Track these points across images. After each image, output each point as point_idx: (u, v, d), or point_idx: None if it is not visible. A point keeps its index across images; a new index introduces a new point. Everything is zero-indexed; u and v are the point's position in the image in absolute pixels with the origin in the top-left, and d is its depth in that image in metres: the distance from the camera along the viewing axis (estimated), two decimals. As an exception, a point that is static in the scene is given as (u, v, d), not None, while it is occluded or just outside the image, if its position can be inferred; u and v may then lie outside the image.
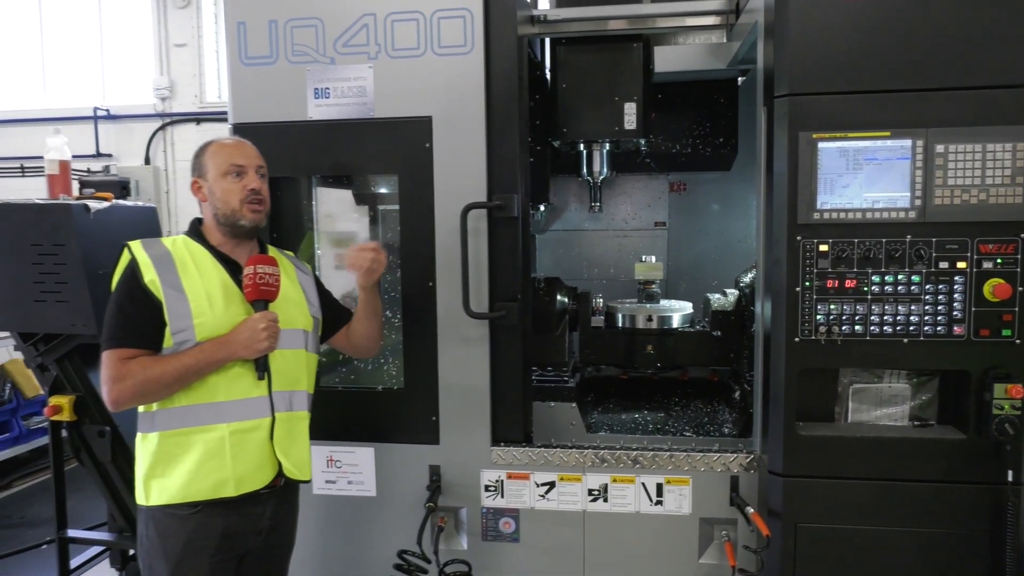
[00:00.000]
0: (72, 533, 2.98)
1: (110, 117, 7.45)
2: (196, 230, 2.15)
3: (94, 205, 2.78)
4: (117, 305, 1.98)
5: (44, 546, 4.20)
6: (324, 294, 2.35)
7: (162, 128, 7.43)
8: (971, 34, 1.99)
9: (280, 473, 2.08)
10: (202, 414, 2.00)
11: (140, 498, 2.05)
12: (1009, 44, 1.99)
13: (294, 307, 2.17)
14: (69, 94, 7.82)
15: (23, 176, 7.69)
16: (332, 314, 2.34)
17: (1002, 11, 1.98)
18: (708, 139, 3.52)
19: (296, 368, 2.16)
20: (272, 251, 2.24)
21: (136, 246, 2.03)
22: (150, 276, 1.97)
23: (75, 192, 3.12)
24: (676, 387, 3.19)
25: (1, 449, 5.18)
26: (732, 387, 3.05)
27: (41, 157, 7.56)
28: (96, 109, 7.41)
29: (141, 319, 1.96)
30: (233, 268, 2.08)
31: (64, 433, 2.99)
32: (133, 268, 1.99)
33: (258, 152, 2.15)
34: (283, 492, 2.16)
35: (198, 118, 7.39)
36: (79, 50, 7.82)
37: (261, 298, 2.03)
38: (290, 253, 2.36)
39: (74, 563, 3.16)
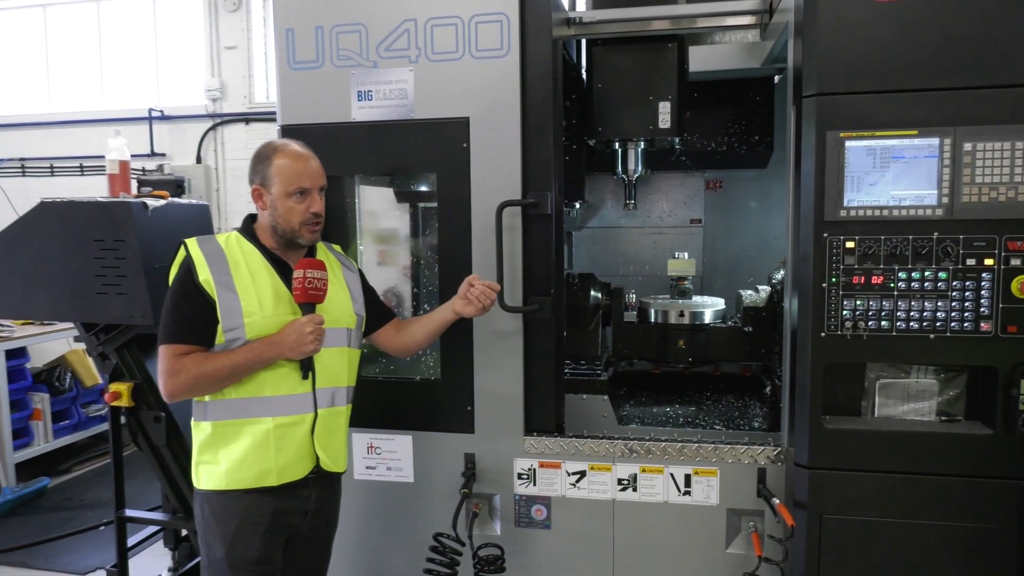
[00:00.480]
0: (129, 513, 3.15)
1: (164, 118, 7.71)
2: (249, 229, 2.25)
3: (152, 203, 2.94)
4: (173, 302, 2.10)
5: (102, 527, 4.43)
6: (368, 291, 2.45)
7: (213, 128, 7.66)
8: (999, 33, 2.01)
9: (318, 464, 2.21)
10: (250, 407, 2.13)
11: (195, 481, 2.21)
12: (1039, 43, 2.00)
13: (339, 305, 2.27)
14: (125, 96, 8.12)
15: (82, 175, 7.99)
16: (375, 312, 2.45)
17: (1031, 10, 2.00)
18: (744, 137, 3.56)
19: (339, 365, 2.27)
20: (321, 248, 2.35)
21: (192, 244, 2.14)
22: (204, 275, 2.08)
23: (133, 190, 3.29)
24: (708, 382, 3.23)
25: (61, 435, 5.44)
26: (764, 382, 3.09)
27: (99, 156, 7.86)
28: (151, 110, 7.67)
29: (195, 317, 2.08)
30: (282, 268, 2.19)
31: (122, 419, 3.17)
32: (189, 266, 2.10)
33: (321, 167, 2.24)
34: (327, 478, 2.29)
35: (247, 118, 7.60)
36: (135, 54, 8.11)
37: (309, 301, 2.12)
38: (338, 249, 2.47)
39: (130, 542, 3.34)
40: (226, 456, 2.13)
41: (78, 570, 3.93)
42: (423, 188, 2.98)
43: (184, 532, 3.36)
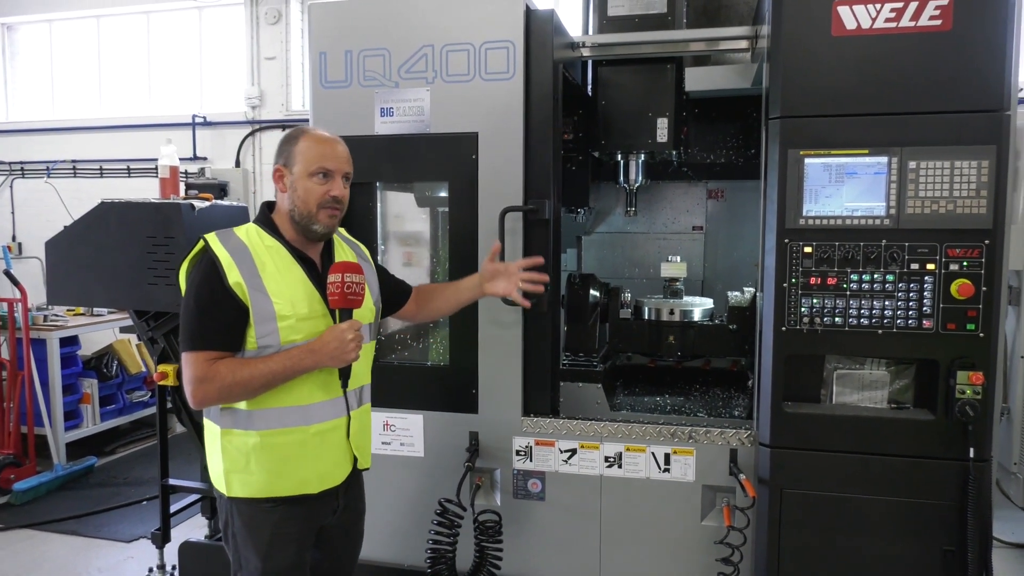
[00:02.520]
0: (173, 482, 3.51)
1: (206, 124, 8.15)
2: (267, 218, 2.12)
3: (198, 204, 3.30)
4: (199, 306, 1.97)
5: (145, 502, 4.82)
6: (383, 274, 2.44)
7: (251, 134, 8.09)
8: (939, 66, 2.28)
9: (354, 465, 2.23)
10: (292, 416, 2.05)
11: (220, 487, 2.11)
12: (976, 75, 2.27)
13: (364, 304, 2.17)
14: (171, 103, 8.60)
15: (129, 177, 8.48)
16: (395, 293, 2.46)
17: (969, 47, 2.26)
18: (740, 150, 3.84)
19: (364, 364, 2.23)
20: (338, 242, 2.30)
21: (214, 241, 2.02)
22: (235, 278, 1.96)
23: (182, 192, 3.66)
24: (698, 375, 3.51)
25: (108, 419, 5.85)
26: (749, 376, 3.36)
27: (146, 159, 8.33)
28: (194, 116, 8.12)
29: (227, 321, 1.96)
30: (308, 266, 2.11)
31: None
32: (215, 266, 1.97)
33: (348, 154, 2.18)
34: (354, 476, 2.28)
35: (284, 125, 8.01)
36: (181, 63, 8.59)
37: (347, 306, 2.02)
38: (351, 239, 2.44)
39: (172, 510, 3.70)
40: (267, 465, 2.04)
41: (123, 538, 4.31)
42: (439, 194, 3.30)
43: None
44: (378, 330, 2.44)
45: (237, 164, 8.05)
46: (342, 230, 2.41)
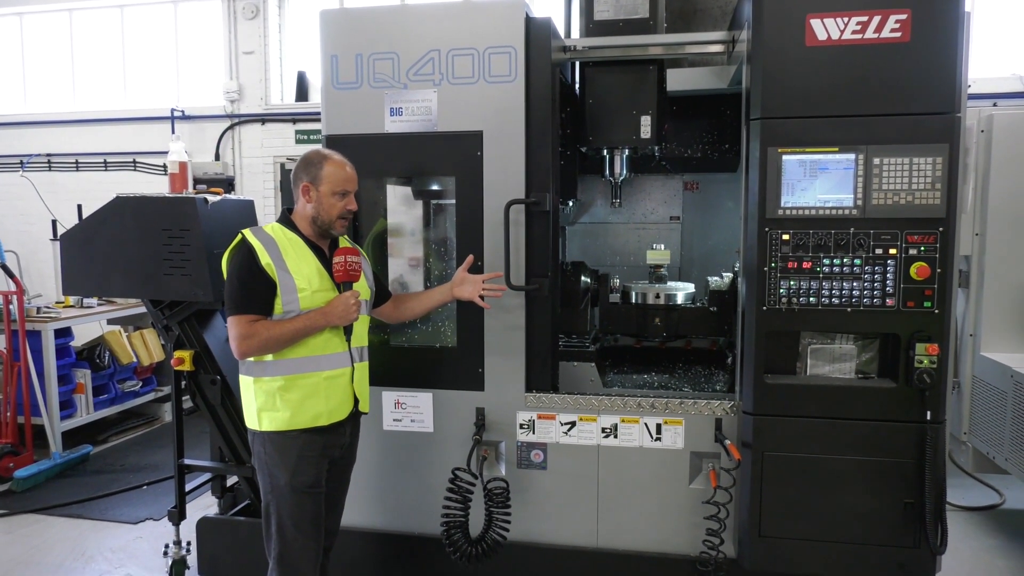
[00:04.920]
0: (187, 461, 3.68)
1: (185, 117, 8.21)
2: (288, 219, 2.71)
3: (211, 198, 3.47)
4: (240, 280, 2.56)
5: (146, 487, 4.97)
6: (374, 273, 2.96)
7: (231, 128, 8.18)
8: (900, 74, 2.57)
9: (355, 406, 2.75)
10: (307, 364, 2.62)
11: (253, 425, 2.67)
12: (931, 81, 2.57)
13: (363, 282, 2.77)
14: (147, 96, 8.62)
15: (106, 170, 8.50)
16: (380, 292, 2.96)
17: (925, 56, 2.56)
18: (716, 145, 4.11)
19: (363, 328, 2.82)
20: (343, 239, 2.82)
21: (249, 234, 2.61)
22: (266, 260, 2.54)
23: (190, 187, 3.82)
24: (681, 355, 3.80)
25: (100, 408, 5.96)
26: (727, 354, 3.65)
27: (123, 153, 8.36)
28: (172, 110, 8.17)
29: (261, 292, 2.55)
30: (319, 253, 2.68)
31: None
32: (251, 251, 2.55)
33: (356, 175, 2.74)
34: (357, 418, 2.83)
35: (263, 119, 8.12)
36: (157, 57, 8.61)
37: (348, 280, 2.62)
38: (351, 241, 2.95)
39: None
40: (288, 403, 2.60)
41: (130, 520, 4.46)
42: (436, 187, 3.52)
43: (230, 482, 3.90)
44: (371, 308, 2.91)
45: (217, 157, 8.14)
46: (349, 240, 2.92)
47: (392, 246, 3.45)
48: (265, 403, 2.63)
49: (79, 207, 6.13)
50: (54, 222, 6.62)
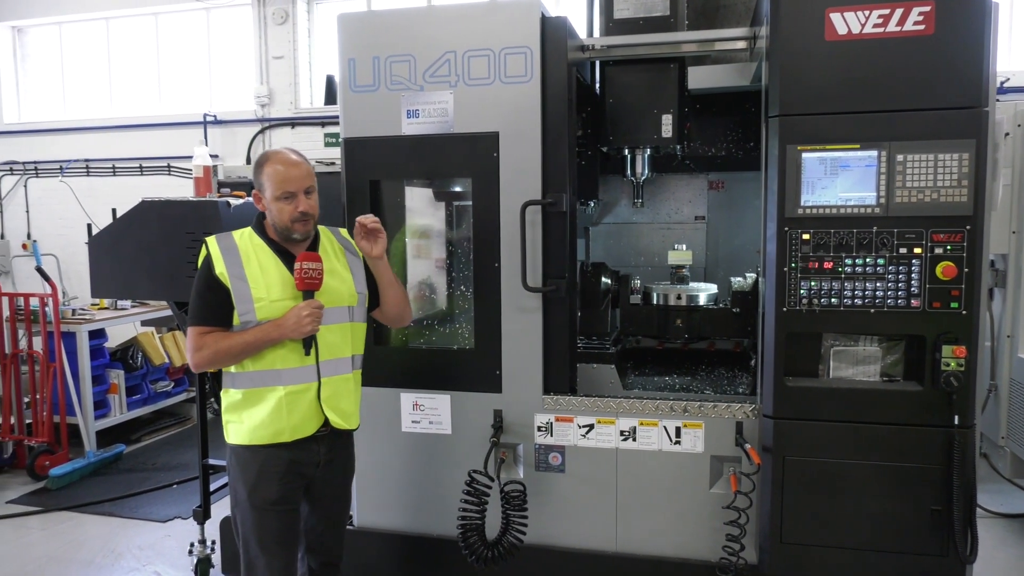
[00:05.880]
0: (212, 462, 3.73)
1: (217, 122, 8.34)
2: (260, 225, 2.56)
3: (233, 201, 3.51)
4: (196, 291, 2.47)
5: (175, 485, 5.05)
6: (370, 274, 2.73)
7: (261, 132, 8.29)
8: (923, 68, 2.50)
9: (326, 423, 2.56)
10: (267, 378, 2.48)
11: (225, 436, 2.58)
12: (957, 75, 2.49)
13: (341, 287, 2.58)
14: (181, 102, 8.78)
15: (142, 175, 8.67)
16: (374, 294, 2.74)
17: (950, 49, 2.48)
18: (741, 143, 4.05)
19: (341, 339, 2.59)
20: (325, 236, 2.64)
21: (211, 241, 2.49)
22: (220, 268, 2.43)
23: (214, 190, 3.87)
24: (704, 356, 3.74)
25: (133, 408, 6.08)
26: (751, 356, 3.59)
27: (158, 157, 8.51)
28: (205, 115, 8.31)
29: (215, 303, 2.43)
30: (288, 259, 2.49)
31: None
32: (208, 260, 2.46)
33: (308, 170, 2.51)
34: (336, 435, 2.64)
35: (293, 122, 8.21)
36: (190, 63, 8.77)
37: (307, 289, 2.44)
38: (345, 234, 2.75)
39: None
40: (249, 417, 2.49)
41: (159, 518, 4.54)
42: (457, 189, 3.52)
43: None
44: (364, 313, 2.72)
45: (248, 161, 8.25)
46: (343, 231, 2.77)
47: (412, 247, 3.46)
48: (230, 416, 2.56)
49: (113, 211, 6.23)
50: (89, 226, 6.76)
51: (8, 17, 9.14)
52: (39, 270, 5.34)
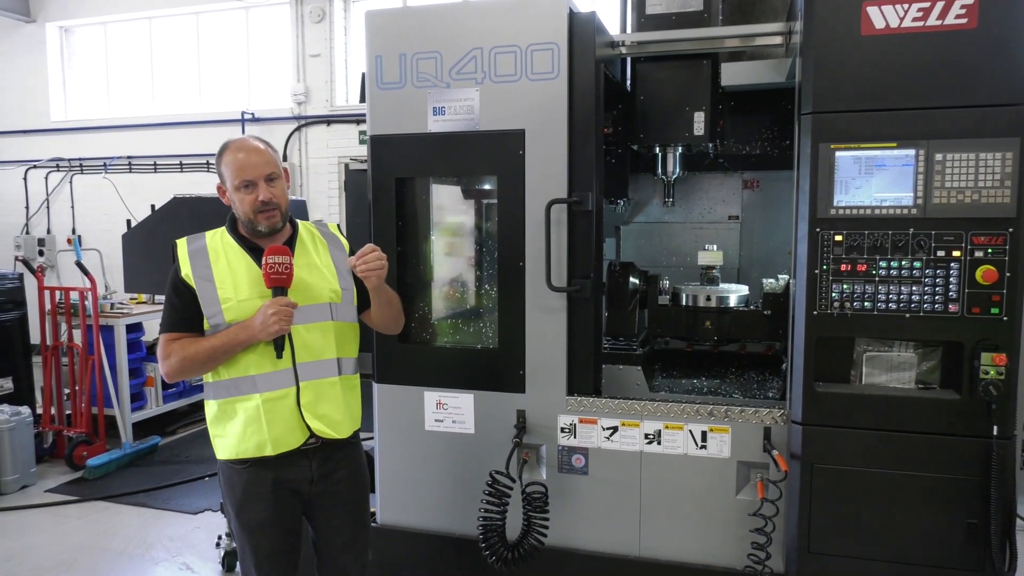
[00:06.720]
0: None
1: (255, 119, 8.47)
2: (232, 223, 2.42)
3: (262, 198, 3.53)
4: (166, 296, 2.35)
5: (207, 478, 5.12)
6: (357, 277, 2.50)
7: (298, 129, 8.38)
8: (963, 62, 2.40)
9: (315, 434, 2.36)
10: (241, 386, 2.31)
11: (215, 451, 2.42)
12: (1001, 70, 2.38)
13: (320, 283, 2.39)
14: (220, 100, 8.92)
15: (182, 172, 8.83)
16: (363, 291, 2.51)
17: (994, 44, 2.38)
18: (776, 141, 3.95)
19: (323, 339, 2.39)
20: (306, 229, 2.48)
21: (181, 243, 2.37)
22: (186, 271, 2.31)
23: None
24: (734, 359, 3.66)
25: (169, 401, 6.20)
26: (782, 360, 3.50)
27: (197, 155, 8.64)
28: (243, 113, 8.43)
29: (183, 307, 2.30)
30: (259, 256, 2.29)
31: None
32: (176, 263, 2.33)
33: (268, 157, 2.33)
34: (331, 447, 2.42)
35: (328, 120, 8.29)
36: (229, 61, 8.90)
37: (277, 285, 2.24)
38: (332, 227, 2.59)
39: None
40: (231, 430, 2.33)
41: (190, 510, 4.61)
42: (487, 187, 3.49)
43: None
44: (351, 312, 2.52)
45: (284, 158, 8.36)
46: (331, 225, 2.61)
47: (437, 246, 3.44)
48: (215, 429, 2.39)
49: (152, 207, 6.37)
50: (128, 221, 6.92)
51: (56, 17, 9.38)
52: (79, 264, 5.47)
